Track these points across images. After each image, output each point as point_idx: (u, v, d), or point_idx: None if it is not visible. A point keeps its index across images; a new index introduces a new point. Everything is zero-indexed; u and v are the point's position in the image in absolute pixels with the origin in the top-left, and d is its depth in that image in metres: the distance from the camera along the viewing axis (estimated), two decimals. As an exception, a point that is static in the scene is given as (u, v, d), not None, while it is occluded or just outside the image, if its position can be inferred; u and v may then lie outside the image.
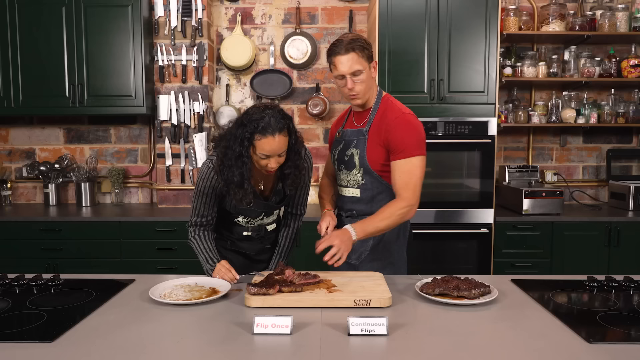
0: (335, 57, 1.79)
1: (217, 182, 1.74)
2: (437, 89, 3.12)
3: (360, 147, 1.87)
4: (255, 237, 1.93)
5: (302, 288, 1.53)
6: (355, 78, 1.80)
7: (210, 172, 1.74)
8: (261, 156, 1.63)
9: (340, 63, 1.78)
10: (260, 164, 1.66)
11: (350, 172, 1.90)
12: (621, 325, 1.32)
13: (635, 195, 3.37)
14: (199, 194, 1.79)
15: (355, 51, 1.77)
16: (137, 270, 2.98)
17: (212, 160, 1.74)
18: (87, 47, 3.30)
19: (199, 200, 1.80)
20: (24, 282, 1.66)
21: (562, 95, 3.63)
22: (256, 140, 1.60)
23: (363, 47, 1.78)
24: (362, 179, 1.88)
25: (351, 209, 1.93)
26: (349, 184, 1.92)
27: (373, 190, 1.87)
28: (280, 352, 1.18)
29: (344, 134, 1.96)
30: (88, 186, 3.58)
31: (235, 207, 1.81)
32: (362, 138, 1.87)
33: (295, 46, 3.63)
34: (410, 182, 1.77)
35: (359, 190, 1.90)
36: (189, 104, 3.48)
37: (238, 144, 1.62)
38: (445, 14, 3.07)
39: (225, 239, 1.95)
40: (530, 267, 3.19)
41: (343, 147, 1.94)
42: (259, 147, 1.61)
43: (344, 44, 1.77)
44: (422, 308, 1.46)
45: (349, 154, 1.90)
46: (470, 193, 3.19)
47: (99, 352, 1.17)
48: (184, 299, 1.50)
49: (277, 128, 1.59)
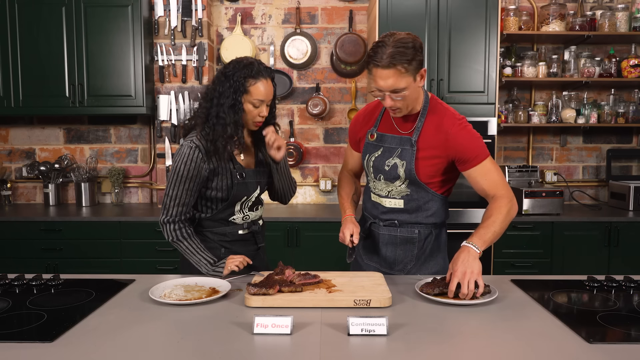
0: (375, 68, 1.54)
1: (202, 161, 1.65)
2: (437, 89, 3.11)
3: (407, 159, 1.69)
4: (250, 237, 1.87)
5: (302, 288, 1.53)
6: (396, 95, 1.57)
7: (194, 151, 1.63)
8: (255, 103, 1.63)
9: (379, 77, 1.55)
10: (253, 113, 1.65)
11: (392, 184, 1.75)
12: (621, 325, 1.32)
13: (635, 195, 3.37)
14: (181, 179, 1.64)
15: (397, 66, 1.51)
16: (137, 270, 2.98)
17: (193, 139, 1.65)
18: (87, 47, 3.30)
19: (180, 188, 1.65)
20: (24, 282, 1.66)
21: (562, 95, 3.63)
22: (250, 85, 1.61)
23: (410, 59, 1.51)
24: (407, 190, 1.74)
25: (392, 219, 1.79)
26: (390, 195, 1.77)
27: (419, 200, 1.74)
28: (280, 352, 1.18)
29: (383, 139, 1.76)
30: (88, 186, 3.59)
31: (230, 188, 1.70)
32: (410, 149, 1.69)
33: (295, 46, 3.63)
34: (497, 179, 1.67)
35: (402, 201, 1.75)
36: (189, 104, 3.48)
37: (231, 93, 1.60)
38: (445, 14, 3.07)
39: (218, 249, 1.81)
40: (530, 267, 3.19)
41: (382, 155, 1.75)
42: (253, 93, 1.62)
43: (385, 54, 1.51)
44: (422, 308, 1.46)
45: (391, 164, 1.72)
46: (470, 193, 3.16)
47: (99, 352, 1.17)
48: (184, 299, 1.50)
49: (267, 73, 1.64)
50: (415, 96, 1.64)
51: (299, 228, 3.09)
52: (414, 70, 1.55)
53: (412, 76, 1.55)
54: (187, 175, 1.65)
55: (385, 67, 1.52)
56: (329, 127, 3.74)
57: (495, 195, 1.66)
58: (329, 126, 3.74)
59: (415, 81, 1.58)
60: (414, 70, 1.55)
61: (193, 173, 1.65)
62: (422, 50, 1.58)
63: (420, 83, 1.61)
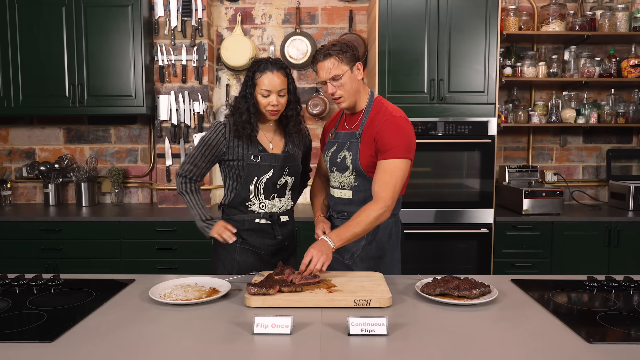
0: (317, 64, 1.82)
1: (223, 136, 1.88)
2: (437, 89, 3.12)
3: (352, 150, 1.86)
4: (269, 228, 1.93)
5: (302, 288, 1.53)
6: (335, 82, 1.80)
7: (221, 125, 1.89)
8: (263, 93, 1.83)
9: (320, 69, 1.81)
10: (263, 103, 1.85)
11: (343, 174, 1.90)
12: (621, 325, 1.32)
13: (635, 195, 3.37)
14: (202, 144, 1.90)
15: (332, 56, 1.78)
16: (137, 270, 2.98)
17: (225, 119, 1.93)
18: (87, 47, 3.30)
19: (198, 150, 1.90)
20: (24, 282, 1.66)
21: (562, 95, 3.63)
22: (257, 78, 1.84)
23: (342, 50, 1.78)
24: (354, 181, 1.88)
25: (343, 210, 1.93)
26: (340, 186, 1.93)
27: (365, 192, 1.87)
28: (280, 352, 1.18)
29: (337, 136, 1.96)
30: (88, 186, 3.59)
31: (244, 162, 1.88)
32: (355, 141, 1.86)
33: (295, 46, 3.63)
34: (389, 182, 1.75)
35: (351, 192, 1.90)
36: (189, 104, 3.48)
37: (245, 87, 1.87)
38: (445, 14, 3.07)
39: (235, 235, 1.92)
40: (530, 267, 3.19)
41: (336, 150, 1.93)
42: (260, 84, 1.83)
43: (323, 50, 1.79)
44: (422, 308, 1.46)
45: (342, 157, 1.89)
46: (470, 193, 3.19)
47: (99, 352, 1.17)
48: (184, 299, 1.50)
49: (275, 66, 1.84)
50: (356, 87, 1.84)
51: (299, 228, 3.09)
52: (349, 61, 1.79)
53: (347, 65, 1.79)
54: (207, 142, 1.89)
55: (323, 59, 1.79)
56: (329, 127, 3.74)
57: (377, 196, 1.77)
58: (329, 126, 3.74)
59: (352, 72, 1.81)
60: (349, 60, 1.79)
61: (212, 142, 1.89)
62: (355, 48, 1.83)
63: (358, 75, 1.83)
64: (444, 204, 3.18)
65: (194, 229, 3.17)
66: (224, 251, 1.96)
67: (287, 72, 1.89)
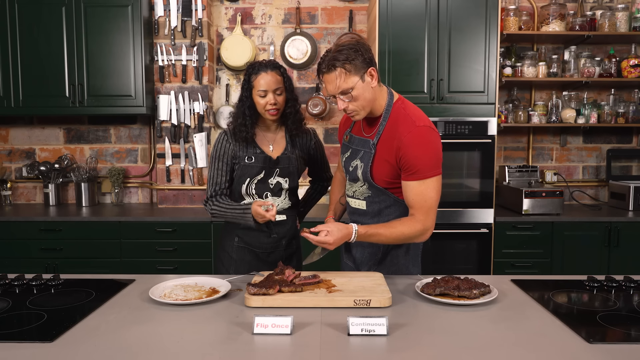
0: (322, 76, 1.59)
1: (227, 142, 1.93)
2: (437, 89, 3.12)
3: (365, 162, 1.70)
4: (263, 227, 1.93)
5: (302, 288, 1.53)
6: (345, 97, 1.58)
7: (221, 135, 1.95)
8: (260, 94, 1.85)
9: (326, 82, 1.59)
10: (262, 103, 1.86)
11: (355, 184, 1.77)
12: (621, 325, 1.32)
13: (635, 195, 3.37)
14: (213, 159, 1.94)
15: (338, 67, 1.54)
16: (137, 270, 2.98)
17: (225, 128, 1.98)
18: (87, 47, 3.30)
19: (213, 167, 1.94)
20: (24, 282, 1.66)
21: (562, 95, 3.63)
22: (253, 80, 1.86)
23: (348, 58, 1.53)
24: (368, 192, 1.74)
25: (357, 221, 1.78)
26: (354, 195, 1.79)
27: (380, 203, 1.73)
28: (280, 352, 1.18)
29: (352, 141, 1.80)
30: (88, 186, 3.59)
31: (240, 163, 1.91)
32: (369, 152, 1.69)
33: (295, 46, 3.63)
34: (424, 204, 1.61)
35: (365, 202, 1.76)
36: (189, 104, 3.48)
37: (243, 90, 1.90)
38: (445, 14, 3.07)
39: (231, 233, 1.98)
40: (530, 267, 3.19)
41: (350, 156, 1.78)
42: (256, 86, 1.85)
43: (327, 59, 1.56)
44: (422, 308, 1.46)
45: (354, 166, 1.74)
46: (470, 193, 3.19)
47: (99, 352, 1.17)
48: (184, 299, 1.50)
49: (269, 66, 1.87)
50: (370, 97, 1.61)
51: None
52: (358, 70, 1.55)
53: (357, 75, 1.55)
54: (215, 155, 1.94)
55: (328, 71, 1.56)
56: (329, 127, 3.74)
57: (415, 216, 1.64)
58: (329, 126, 3.74)
59: (363, 81, 1.57)
60: (358, 69, 1.55)
61: (220, 152, 1.93)
62: (366, 50, 1.57)
63: (372, 83, 1.59)
64: (444, 203, 3.15)
65: (194, 229, 3.20)
66: (222, 250, 2.02)
67: (281, 71, 1.90)
